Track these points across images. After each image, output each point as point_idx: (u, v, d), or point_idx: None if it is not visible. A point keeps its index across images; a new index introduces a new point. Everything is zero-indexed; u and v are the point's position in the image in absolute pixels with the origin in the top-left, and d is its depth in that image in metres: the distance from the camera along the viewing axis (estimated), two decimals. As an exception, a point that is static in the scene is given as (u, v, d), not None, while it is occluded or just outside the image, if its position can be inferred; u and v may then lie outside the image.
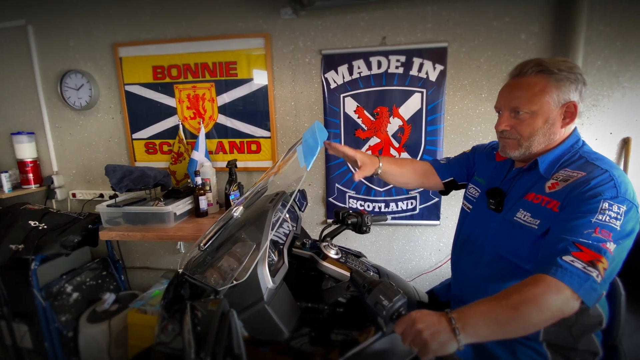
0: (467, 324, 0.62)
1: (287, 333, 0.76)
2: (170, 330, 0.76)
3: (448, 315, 0.63)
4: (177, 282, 0.85)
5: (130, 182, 1.64)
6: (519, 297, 0.63)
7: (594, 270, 0.63)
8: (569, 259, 0.65)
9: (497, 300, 0.64)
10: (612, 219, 0.68)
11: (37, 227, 1.69)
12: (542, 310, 0.62)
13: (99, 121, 2.03)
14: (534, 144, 0.83)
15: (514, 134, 0.84)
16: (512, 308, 0.62)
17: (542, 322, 0.64)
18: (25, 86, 2.04)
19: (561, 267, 0.64)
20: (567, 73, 0.78)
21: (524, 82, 0.81)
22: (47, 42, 1.97)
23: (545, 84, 0.79)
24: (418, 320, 0.62)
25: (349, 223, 1.18)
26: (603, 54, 1.56)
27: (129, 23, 1.88)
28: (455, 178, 1.13)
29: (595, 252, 0.65)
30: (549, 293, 0.63)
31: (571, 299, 0.63)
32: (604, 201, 0.69)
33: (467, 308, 0.65)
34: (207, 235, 0.91)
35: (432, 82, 1.66)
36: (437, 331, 0.61)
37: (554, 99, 0.79)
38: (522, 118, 0.82)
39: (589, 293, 0.63)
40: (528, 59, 0.83)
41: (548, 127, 0.81)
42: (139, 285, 2.21)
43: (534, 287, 0.64)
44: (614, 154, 1.63)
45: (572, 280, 0.63)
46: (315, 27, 1.73)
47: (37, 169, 2.07)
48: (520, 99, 0.81)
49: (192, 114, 1.92)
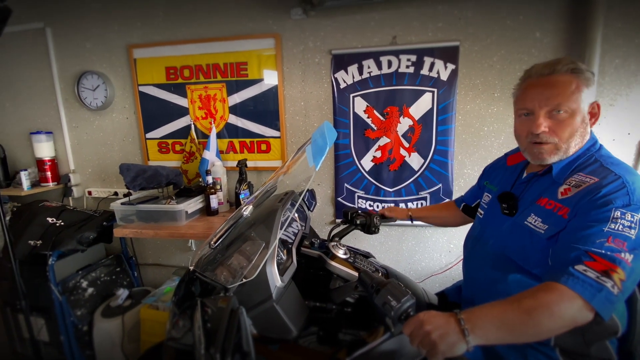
0: (476, 326, 0.61)
1: (295, 331, 0.76)
2: (181, 326, 0.77)
3: (457, 316, 0.62)
4: (188, 279, 0.87)
5: (143, 181, 1.68)
6: (532, 302, 0.62)
7: (608, 281, 0.61)
8: (582, 268, 0.63)
9: (509, 303, 0.63)
10: (625, 228, 0.65)
11: (54, 224, 1.74)
12: (554, 318, 0.60)
13: (114, 121, 2.08)
14: (571, 146, 0.79)
15: (553, 136, 0.79)
16: (525, 313, 0.61)
17: (554, 330, 0.62)
18: (43, 87, 2.11)
19: (573, 275, 0.63)
20: (590, 74, 0.77)
21: (559, 80, 0.77)
22: (65, 44, 2.04)
23: (578, 82, 0.77)
24: (426, 321, 0.62)
25: (358, 223, 1.19)
26: (621, 52, 1.51)
27: (143, 25, 1.92)
28: (466, 202, 1.20)
29: (609, 262, 0.63)
30: (562, 301, 0.61)
31: (584, 309, 0.61)
32: (615, 209, 0.67)
33: (477, 309, 0.64)
34: (218, 233, 0.92)
35: (444, 82, 1.64)
36: (446, 332, 0.60)
37: (586, 98, 0.77)
38: (561, 118, 0.77)
39: (604, 304, 0.61)
40: (556, 58, 0.81)
41: (584, 127, 0.79)
42: (151, 281, 2.26)
43: (547, 294, 0.62)
44: (632, 155, 1.58)
45: (585, 289, 0.61)
46: (325, 27, 1.73)
47: (55, 168, 2.14)
48: (560, 97, 0.76)
49: (204, 114, 1.95)
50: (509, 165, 1.01)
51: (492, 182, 1.04)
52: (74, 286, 1.77)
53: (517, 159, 1.00)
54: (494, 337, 0.62)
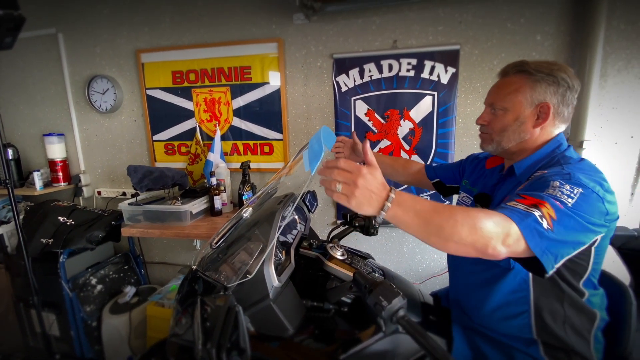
0: (400, 205, 0.61)
1: (292, 330, 0.79)
2: (184, 323, 0.81)
3: (390, 191, 0.61)
4: (191, 277, 0.91)
5: (150, 182, 1.73)
6: (462, 209, 0.62)
7: (536, 210, 0.62)
8: (512, 204, 0.65)
9: (443, 204, 0.63)
10: (564, 195, 0.65)
11: (65, 223, 1.81)
12: (474, 228, 0.59)
13: (122, 123, 2.14)
14: (504, 139, 0.87)
15: (488, 129, 0.89)
16: (450, 212, 0.60)
17: (465, 239, 0.59)
18: (55, 91, 2.18)
19: (503, 208, 0.65)
20: (545, 75, 0.80)
21: (505, 81, 0.87)
22: (76, 49, 2.10)
23: (522, 84, 0.82)
24: (366, 176, 0.60)
25: (357, 225, 1.21)
26: (624, 54, 1.50)
27: (151, 30, 1.98)
28: (442, 180, 1.21)
29: (537, 199, 0.64)
30: (490, 219, 0.60)
31: (512, 231, 0.60)
32: (554, 181, 0.68)
33: (411, 195, 0.63)
34: (219, 234, 0.96)
35: (444, 85, 1.66)
36: (371, 195, 0.60)
37: (527, 99, 0.82)
38: (497, 114, 0.87)
39: (533, 233, 0.60)
40: (518, 60, 0.85)
41: (518, 125, 0.84)
42: (157, 279, 2.32)
43: (480, 211, 0.62)
44: (635, 157, 1.57)
45: (513, 214, 0.62)
46: (327, 31, 1.76)
47: (66, 168, 2.21)
48: (496, 96, 0.87)
49: (209, 116, 1.99)
50: (487, 168, 1.04)
51: (471, 183, 1.07)
52: (84, 283, 1.84)
53: (495, 161, 1.02)
54: (408, 221, 0.61)
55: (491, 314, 0.86)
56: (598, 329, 0.82)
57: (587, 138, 1.53)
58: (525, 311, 0.82)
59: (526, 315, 0.82)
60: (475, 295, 0.90)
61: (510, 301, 0.84)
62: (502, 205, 0.66)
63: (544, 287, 0.80)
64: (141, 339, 1.81)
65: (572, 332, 0.80)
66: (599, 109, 1.54)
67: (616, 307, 0.89)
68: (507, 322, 0.85)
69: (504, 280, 0.83)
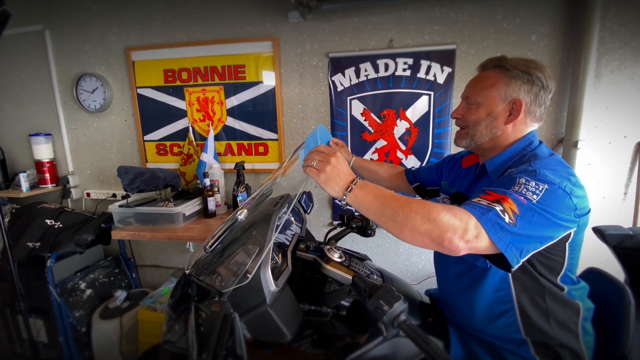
0: (362, 189, 0.67)
1: (290, 335, 0.77)
2: (177, 329, 0.78)
3: (356, 178, 0.69)
4: (184, 282, 0.88)
5: (141, 184, 1.69)
6: (421, 200, 0.64)
7: (497, 205, 0.63)
8: (476, 200, 0.66)
9: (403, 196, 0.66)
10: (529, 192, 0.65)
11: (53, 226, 1.75)
12: (428, 218, 0.60)
13: (112, 123, 2.09)
14: (477, 134, 0.86)
15: (464, 122, 0.89)
16: (407, 201, 0.63)
17: (419, 227, 0.60)
18: (42, 89, 2.12)
19: (466, 203, 0.66)
20: (520, 72, 0.80)
21: (482, 75, 0.87)
22: (64, 46, 2.04)
23: (497, 79, 0.82)
24: (339, 158, 0.70)
25: (354, 226, 1.19)
26: (617, 55, 1.52)
27: (142, 28, 1.93)
28: (422, 183, 1.21)
29: (500, 194, 0.65)
30: (449, 212, 0.61)
31: (471, 225, 0.60)
32: (520, 178, 0.69)
33: (375, 184, 0.69)
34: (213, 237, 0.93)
35: (440, 85, 1.65)
36: (338, 178, 0.69)
37: (500, 94, 0.82)
38: (470, 108, 0.87)
39: (493, 226, 0.61)
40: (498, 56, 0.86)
41: (490, 120, 0.84)
42: (149, 283, 2.27)
43: (441, 205, 0.63)
44: (628, 157, 1.59)
45: (474, 209, 0.63)
46: (322, 30, 1.74)
47: (53, 169, 2.15)
48: (471, 90, 0.87)
49: (202, 116, 1.95)
50: (463, 167, 1.03)
51: (449, 183, 1.06)
52: (73, 288, 1.78)
53: (470, 160, 1.02)
54: (367, 203, 0.67)
55: (479, 315, 0.86)
56: (585, 320, 0.82)
57: (581, 138, 1.54)
58: (510, 309, 0.82)
59: (512, 314, 0.82)
60: (462, 298, 0.90)
61: (494, 300, 0.84)
62: (467, 202, 0.67)
63: (523, 283, 0.80)
64: (133, 345, 1.77)
65: (557, 325, 0.80)
66: (593, 109, 1.55)
67: (615, 307, 0.88)
68: (495, 323, 0.85)
69: (485, 280, 0.83)
